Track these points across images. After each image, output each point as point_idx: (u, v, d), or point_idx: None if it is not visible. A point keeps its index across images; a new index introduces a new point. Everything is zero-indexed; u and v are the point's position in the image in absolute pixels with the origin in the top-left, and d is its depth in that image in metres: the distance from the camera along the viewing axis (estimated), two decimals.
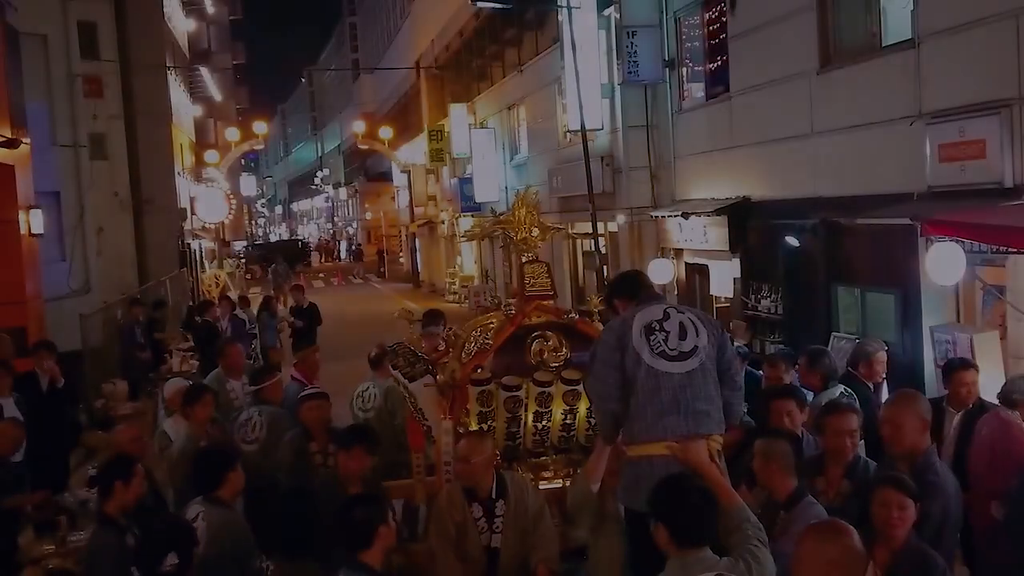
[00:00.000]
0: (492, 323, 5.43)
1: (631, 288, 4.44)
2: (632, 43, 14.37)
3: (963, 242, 7.50)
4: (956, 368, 6.03)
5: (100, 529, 4.73)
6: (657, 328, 4.07)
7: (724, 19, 12.83)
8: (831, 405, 5.13)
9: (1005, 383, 5.85)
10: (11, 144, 12.17)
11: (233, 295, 19.73)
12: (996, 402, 5.73)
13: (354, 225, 68.56)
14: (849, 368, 6.80)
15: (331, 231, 76.89)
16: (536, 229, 5.60)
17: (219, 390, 7.63)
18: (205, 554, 4.23)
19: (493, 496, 4.70)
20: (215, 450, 5.28)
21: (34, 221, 13.50)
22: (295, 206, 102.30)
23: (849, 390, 6.23)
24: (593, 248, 15.76)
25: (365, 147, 41.08)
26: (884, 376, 6.88)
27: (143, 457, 6.04)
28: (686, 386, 3.97)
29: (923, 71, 8.82)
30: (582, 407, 5.20)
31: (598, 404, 4.19)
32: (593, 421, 5.08)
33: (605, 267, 15.85)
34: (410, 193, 37.20)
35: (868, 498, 4.04)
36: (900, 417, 4.52)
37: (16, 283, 13.01)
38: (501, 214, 5.81)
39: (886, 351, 6.90)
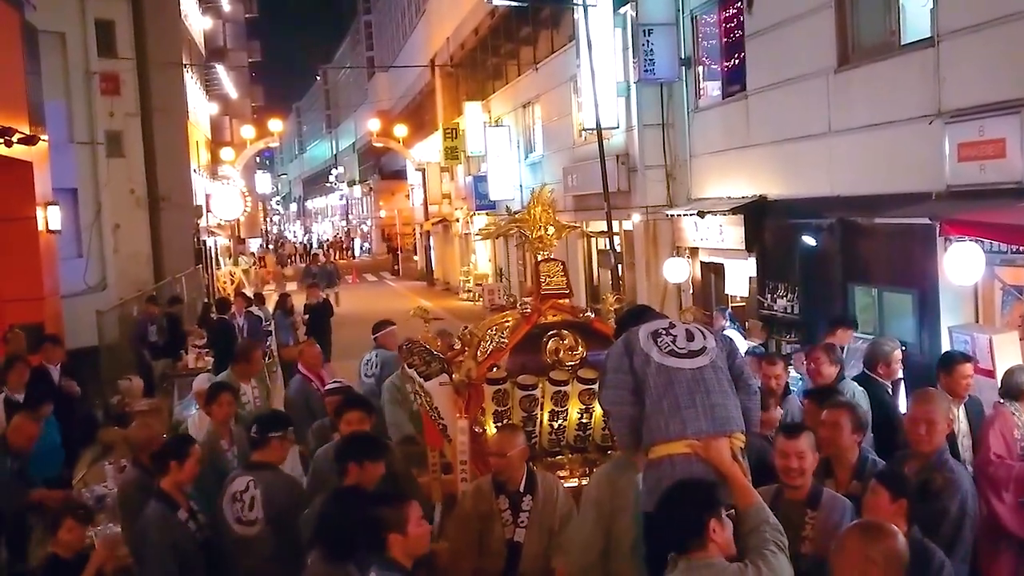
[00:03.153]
0: (508, 322, 5.42)
1: (639, 318, 4.46)
2: (648, 41, 14.33)
3: (982, 242, 7.47)
4: (958, 361, 6.02)
5: (154, 503, 5.07)
6: (664, 332, 4.08)
7: (741, 17, 12.78)
8: (830, 401, 5.11)
9: (1007, 374, 5.84)
10: (29, 141, 12.22)
11: (248, 292, 19.79)
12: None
13: (368, 223, 68.70)
14: (865, 369, 6.75)
15: (345, 229, 77.04)
16: (551, 228, 5.58)
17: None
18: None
19: (522, 490, 4.72)
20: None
21: (52, 218, 13.57)
22: (309, 204, 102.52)
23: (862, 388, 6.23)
24: (608, 247, 15.73)
25: (380, 145, 41.13)
26: (901, 375, 6.85)
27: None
28: (699, 380, 3.95)
29: (942, 70, 8.76)
30: (598, 406, 5.17)
31: (614, 411, 4.14)
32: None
33: (620, 266, 15.83)
34: (424, 191, 37.23)
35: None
36: (934, 415, 4.54)
37: (34, 279, 13.09)
38: (516, 212, 5.78)
39: (902, 350, 6.85)
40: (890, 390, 6.63)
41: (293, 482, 5.47)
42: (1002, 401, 5.73)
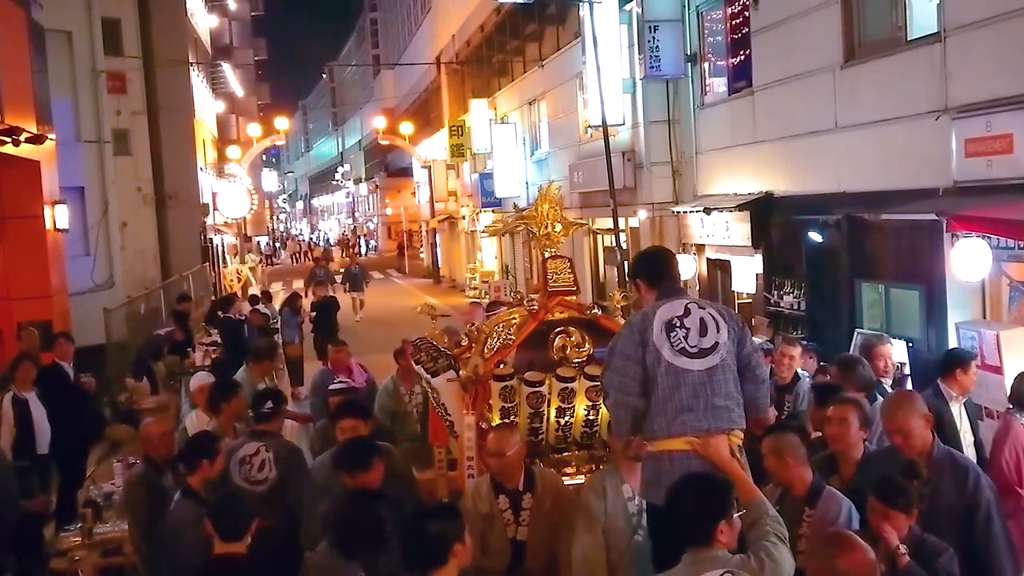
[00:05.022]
0: (515, 319, 5.42)
1: (654, 272, 4.35)
2: (654, 37, 14.32)
3: (989, 238, 7.46)
4: (968, 358, 6.00)
5: (183, 500, 5.20)
6: (678, 324, 4.04)
7: (747, 13, 12.75)
8: (835, 397, 5.05)
9: (1018, 379, 5.70)
10: (37, 140, 12.25)
11: (255, 290, 19.86)
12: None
13: (375, 221, 68.77)
14: None
15: (351, 227, 77.11)
16: (558, 225, 5.57)
17: (248, 388, 7.69)
18: None
19: (521, 489, 4.74)
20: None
21: (59, 216, 13.61)
22: (316, 201, 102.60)
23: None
24: (614, 244, 15.72)
25: (386, 142, 41.14)
26: (897, 372, 6.81)
27: (171, 451, 6.11)
28: (706, 383, 3.96)
29: (949, 65, 8.73)
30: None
31: (617, 397, 4.11)
32: None
33: (626, 263, 15.81)
34: (430, 188, 37.24)
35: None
36: (907, 423, 4.33)
37: (41, 277, 13.14)
38: (523, 209, 5.77)
39: (891, 345, 6.82)
40: (888, 387, 6.54)
41: (295, 447, 6.25)
42: (1011, 408, 5.67)
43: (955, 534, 4.09)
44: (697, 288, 14.59)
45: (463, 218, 32.87)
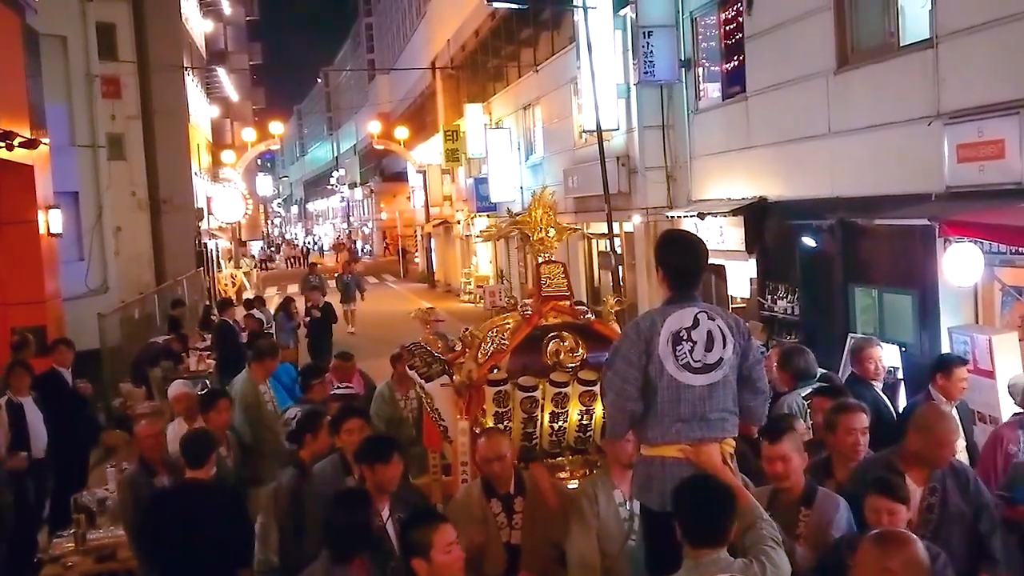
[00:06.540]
0: (508, 323, 5.42)
1: (675, 276, 4.37)
2: (648, 43, 14.35)
3: (981, 243, 7.49)
4: (956, 364, 6.03)
5: (291, 470, 5.50)
6: (685, 337, 4.00)
7: (740, 19, 12.80)
8: (841, 404, 5.00)
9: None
10: (31, 145, 12.23)
11: (249, 294, 19.83)
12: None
13: (369, 225, 68.72)
14: (852, 369, 6.77)
15: (347, 231, 77.07)
16: (552, 229, 5.59)
17: (250, 389, 7.67)
18: None
19: (512, 492, 4.75)
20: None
21: (53, 221, 13.57)
22: (311, 206, 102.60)
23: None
24: (609, 248, 15.75)
25: (381, 147, 41.18)
26: (890, 376, 6.82)
27: (161, 452, 6.10)
28: (706, 399, 3.95)
29: (941, 71, 8.77)
30: (598, 408, 5.17)
31: (615, 400, 4.08)
32: None
33: (621, 267, 15.84)
34: (425, 193, 37.25)
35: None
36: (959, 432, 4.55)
37: (35, 282, 13.09)
38: (517, 214, 5.79)
39: (880, 348, 6.83)
40: (879, 389, 6.55)
41: (319, 410, 6.73)
42: (1020, 411, 5.69)
43: (965, 538, 4.16)
44: None
45: (458, 223, 32.87)
